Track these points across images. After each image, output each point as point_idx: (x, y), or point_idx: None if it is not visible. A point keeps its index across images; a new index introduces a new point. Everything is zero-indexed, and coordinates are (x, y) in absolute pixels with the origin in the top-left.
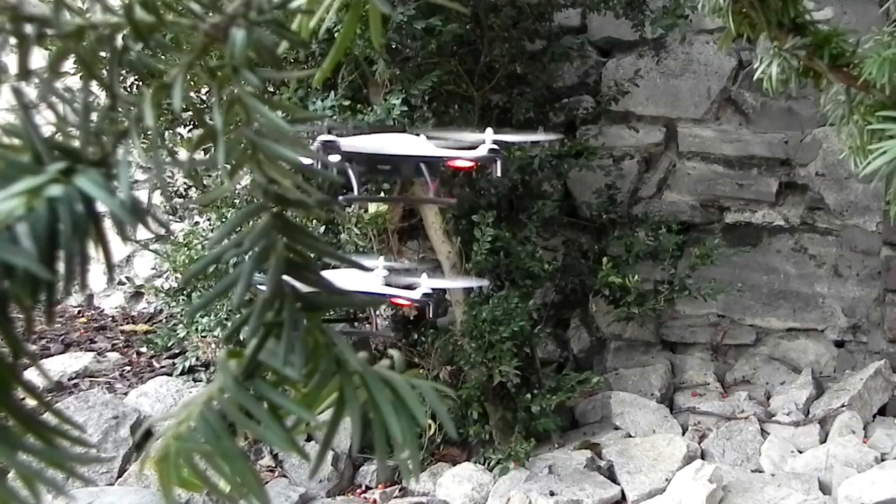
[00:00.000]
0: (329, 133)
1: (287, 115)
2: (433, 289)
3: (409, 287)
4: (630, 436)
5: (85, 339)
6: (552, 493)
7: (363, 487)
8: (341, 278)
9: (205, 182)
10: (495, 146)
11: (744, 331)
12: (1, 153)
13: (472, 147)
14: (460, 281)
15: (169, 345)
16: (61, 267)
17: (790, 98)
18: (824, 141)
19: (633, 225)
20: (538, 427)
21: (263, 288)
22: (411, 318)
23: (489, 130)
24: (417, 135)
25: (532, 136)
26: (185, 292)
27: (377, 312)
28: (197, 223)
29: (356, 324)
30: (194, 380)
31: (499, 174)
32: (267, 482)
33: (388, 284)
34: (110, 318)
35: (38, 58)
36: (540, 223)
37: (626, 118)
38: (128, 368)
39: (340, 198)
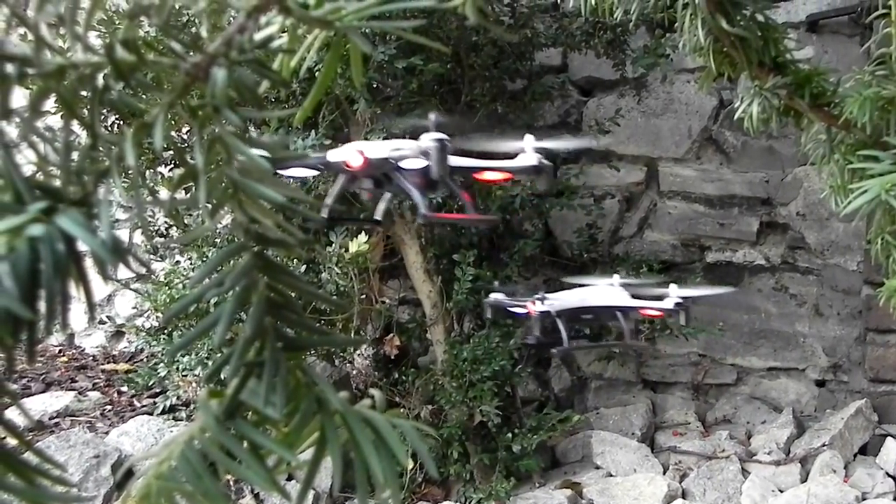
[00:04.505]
0: None
1: (268, 155)
2: (683, 297)
3: (659, 298)
4: (611, 475)
5: (66, 378)
6: None
7: None
8: (595, 293)
9: (186, 221)
10: (539, 155)
11: (725, 370)
12: None
13: (509, 157)
14: (707, 289)
15: (150, 384)
16: (42, 306)
17: (771, 137)
18: (805, 180)
19: (614, 264)
20: (519, 466)
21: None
22: (392, 357)
23: (529, 137)
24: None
25: (572, 141)
26: (166, 331)
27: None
28: (178, 262)
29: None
30: (175, 419)
31: (544, 187)
32: None
33: (635, 297)
34: (91, 358)
35: (19, 97)
36: (521, 262)
37: (607, 157)
38: (109, 408)
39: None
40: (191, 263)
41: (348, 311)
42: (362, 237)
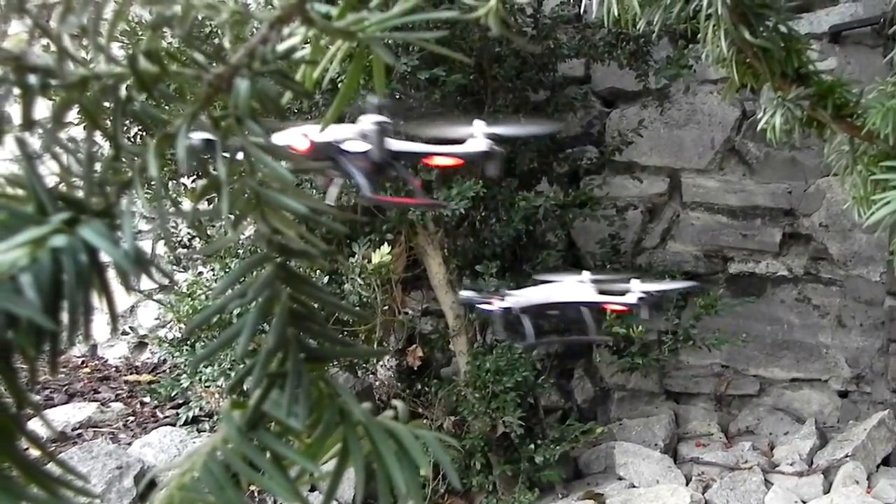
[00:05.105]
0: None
1: (290, 165)
2: (645, 292)
3: (622, 293)
4: (634, 486)
5: (88, 389)
6: None
7: None
8: (560, 289)
9: (209, 232)
10: (489, 140)
11: (747, 381)
12: (4, 204)
13: (460, 142)
14: (669, 284)
15: (173, 395)
16: (65, 317)
17: (794, 148)
18: (828, 191)
19: (637, 275)
20: (542, 477)
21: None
22: (415, 368)
23: (479, 122)
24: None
25: (528, 127)
26: (188, 342)
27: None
28: (201, 273)
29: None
30: (198, 430)
31: (493, 172)
32: None
33: (602, 292)
34: (114, 369)
35: (42, 108)
36: (544, 274)
37: (630, 168)
38: (131, 418)
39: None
40: (213, 274)
41: (371, 322)
42: (385, 248)
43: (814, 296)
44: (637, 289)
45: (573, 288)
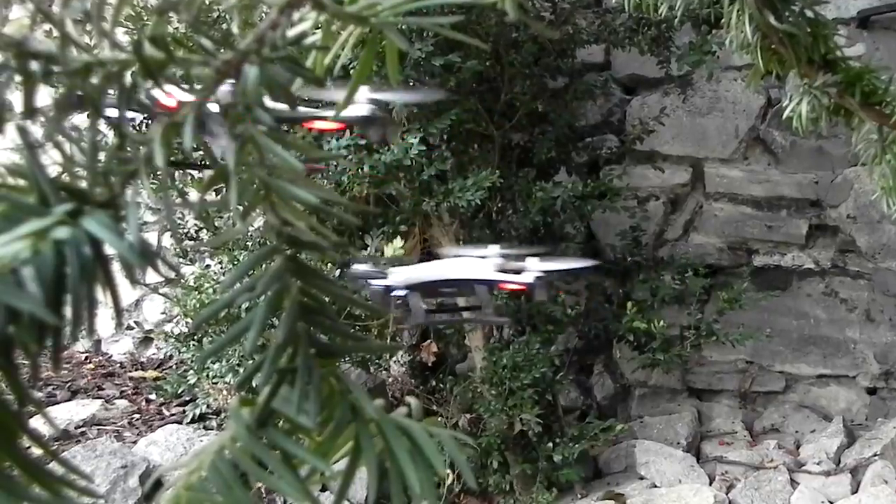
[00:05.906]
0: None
1: (301, 155)
2: (543, 272)
3: (518, 272)
4: (655, 486)
5: (92, 385)
6: None
7: None
8: (454, 265)
9: (216, 224)
10: (372, 105)
11: (773, 377)
12: (6, 194)
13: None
14: (569, 262)
15: (179, 392)
16: (68, 311)
17: (820, 137)
18: (856, 181)
19: (658, 268)
20: (560, 477)
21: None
22: (429, 364)
23: (363, 88)
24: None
25: (408, 94)
26: (195, 337)
27: (486, 306)
28: (208, 266)
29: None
30: (205, 428)
31: (376, 138)
32: None
33: (501, 270)
34: (118, 365)
35: (44, 95)
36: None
37: (652, 158)
38: (136, 416)
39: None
40: (221, 267)
41: (384, 316)
42: (398, 241)
43: (841, 289)
44: (534, 267)
45: (469, 264)
